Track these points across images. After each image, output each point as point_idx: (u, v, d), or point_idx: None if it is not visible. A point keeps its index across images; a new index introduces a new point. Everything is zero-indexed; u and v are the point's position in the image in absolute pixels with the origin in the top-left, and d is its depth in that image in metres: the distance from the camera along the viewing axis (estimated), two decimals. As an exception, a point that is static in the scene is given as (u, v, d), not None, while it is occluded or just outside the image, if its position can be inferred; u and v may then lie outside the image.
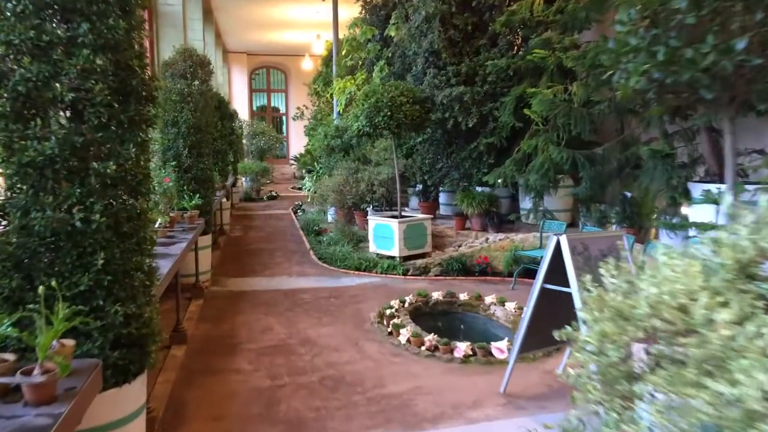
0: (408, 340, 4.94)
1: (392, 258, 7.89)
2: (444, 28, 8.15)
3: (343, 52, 10.71)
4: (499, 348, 4.65)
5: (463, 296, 6.18)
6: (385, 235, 7.97)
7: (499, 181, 7.81)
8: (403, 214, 8.25)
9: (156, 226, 5.20)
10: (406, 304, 5.97)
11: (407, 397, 3.98)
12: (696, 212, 5.76)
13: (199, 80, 6.92)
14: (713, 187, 5.38)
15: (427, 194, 9.45)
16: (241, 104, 22.65)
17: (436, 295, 6.21)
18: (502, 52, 8.10)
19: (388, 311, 5.65)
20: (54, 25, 2.47)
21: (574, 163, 6.47)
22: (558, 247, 3.65)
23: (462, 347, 4.65)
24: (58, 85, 2.45)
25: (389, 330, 5.26)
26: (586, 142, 7.52)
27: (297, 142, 23.23)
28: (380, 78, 9.29)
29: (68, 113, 2.56)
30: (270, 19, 17.34)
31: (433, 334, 4.91)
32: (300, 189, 17.22)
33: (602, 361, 1.82)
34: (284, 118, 25.37)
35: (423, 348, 4.80)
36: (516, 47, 8.45)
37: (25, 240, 2.43)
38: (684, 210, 6.11)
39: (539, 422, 3.67)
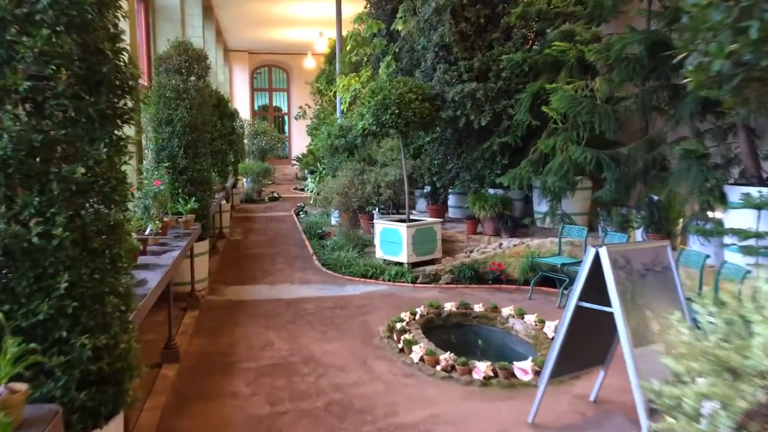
0: (421, 359, 4.51)
1: (400, 264, 7.45)
2: (455, 20, 7.71)
3: (348, 48, 10.28)
4: (523, 369, 4.21)
5: (478, 307, 5.74)
6: (392, 240, 7.54)
7: (510, 183, 7.36)
8: (411, 217, 7.82)
9: (147, 232, 4.77)
10: (417, 316, 5.54)
11: (423, 428, 3.54)
12: (732, 217, 5.32)
13: (196, 76, 6.49)
14: (754, 191, 4.94)
15: (436, 196, 9.00)
16: (242, 104, 22.25)
17: (449, 306, 5.77)
18: (516, 46, 7.65)
19: (398, 325, 5.21)
20: (7, -1, 2.04)
21: (598, 163, 6.02)
22: (597, 261, 3.21)
23: (482, 368, 4.21)
24: (11, 72, 2.02)
25: (400, 346, 4.82)
26: (607, 142, 7.08)
27: (299, 142, 22.83)
28: (387, 74, 8.84)
29: (28, 106, 2.14)
30: (272, 17, 16.92)
31: (449, 352, 4.47)
32: (302, 190, 16.82)
33: (705, 429, 1.38)
34: (286, 117, 24.96)
35: (438, 368, 4.36)
36: (530, 41, 7.99)
37: (-29, 260, 2.00)
38: (717, 215, 5.67)
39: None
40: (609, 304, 3.26)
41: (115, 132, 2.33)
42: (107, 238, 2.27)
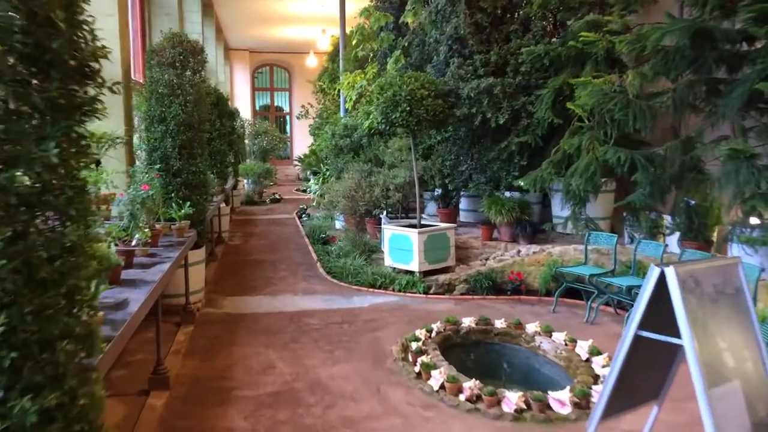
0: (442, 386, 3.99)
1: (411, 273, 6.94)
2: (470, 11, 7.19)
3: (353, 42, 9.77)
4: (560, 400, 3.70)
5: (499, 323, 5.23)
6: (402, 246, 7.02)
7: (530, 186, 6.84)
8: (422, 222, 7.29)
9: (133, 243, 4.26)
10: (434, 334, 5.02)
11: (451, 476, 3.04)
12: (783, 225, 4.81)
13: (191, 70, 5.97)
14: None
15: (447, 200, 8.47)
16: (243, 103, 21.77)
17: (468, 322, 5.26)
18: (536, 38, 7.12)
19: (413, 344, 4.69)
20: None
21: (631, 165, 5.50)
22: (662, 282, 2.69)
23: (513, 399, 3.70)
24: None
25: (417, 370, 4.30)
26: (634, 141, 6.57)
27: (301, 142, 22.35)
28: (396, 70, 8.32)
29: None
30: (273, 14, 16.45)
31: (474, 379, 3.95)
32: (305, 191, 16.33)
33: None
34: (288, 117, 24.47)
35: (462, 398, 3.84)
36: (550, 33, 7.45)
37: None
38: (761, 221, 5.15)
39: None
40: (673, 333, 2.75)
41: (74, 128, 1.82)
42: (61, 265, 1.76)
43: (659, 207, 6.00)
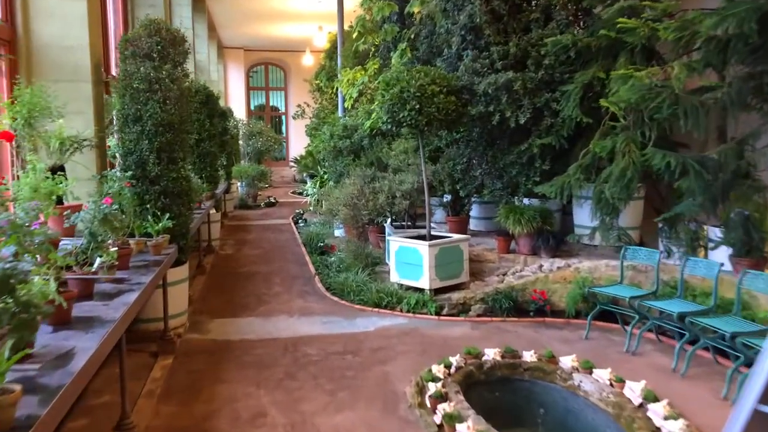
0: (471, 445, 3.26)
1: (420, 290, 6.20)
2: (486, -3, 6.46)
3: (354, 36, 9.02)
4: (622, 469, 2.97)
5: (528, 356, 4.49)
6: (410, 261, 6.28)
7: (555, 193, 6.10)
8: (432, 233, 6.54)
9: (95, 268, 3.49)
10: (453, 369, 4.28)
11: None
12: None
13: (171, 63, 5.22)
14: None
15: (458, 207, 7.72)
16: (237, 103, 21.04)
17: (492, 355, 4.52)
18: (560, 27, 6.38)
19: (431, 385, 3.95)
20: None
21: (683, 170, 4.78)
22: (795, 342, 1.96)
23: (563, 468, 2.97)
24: None
25: (438, 421, 3.56)
26: (672, 143, 5.87)
27: (297, 142, 21.61)
28: (402, 64, 7.58)
29: None
30: (268, 11, 15.73)
31: (511, 439, 3.22)
32: (301, 194, 15.61)
33: None
34: (284, 117, 23.72)
35: (497, 462, 3.11)
36: (574, 22, 6.69)
37: None
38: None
39: None
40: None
41: None
42: None
43: (710, 218, 5.28)
